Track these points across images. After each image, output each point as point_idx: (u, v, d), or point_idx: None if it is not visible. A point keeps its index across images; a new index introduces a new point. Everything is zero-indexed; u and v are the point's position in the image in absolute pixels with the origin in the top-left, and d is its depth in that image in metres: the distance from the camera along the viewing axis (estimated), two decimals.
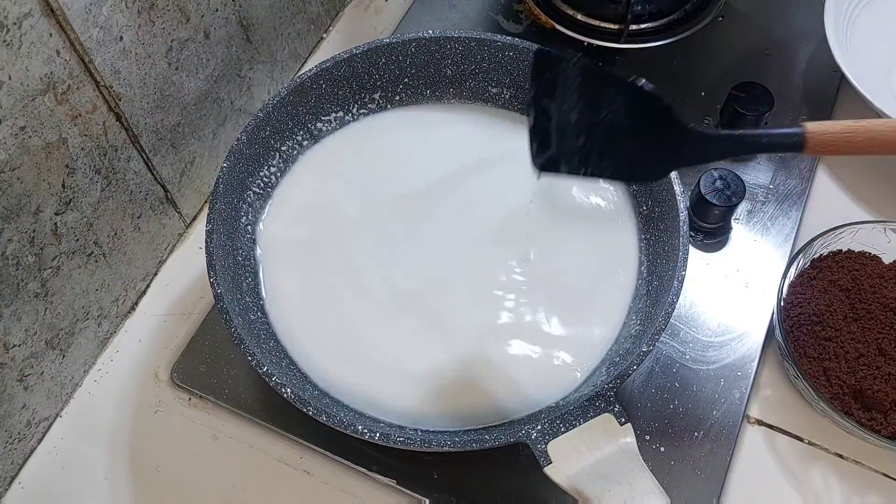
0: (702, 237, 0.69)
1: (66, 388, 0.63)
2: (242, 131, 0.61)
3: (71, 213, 0.56)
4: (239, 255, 0.61)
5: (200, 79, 0.65)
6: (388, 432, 0.50)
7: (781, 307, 0.61)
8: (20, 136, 0.49)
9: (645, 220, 0.63)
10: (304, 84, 0.64)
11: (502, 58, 0.67)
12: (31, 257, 0.54)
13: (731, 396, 0.61)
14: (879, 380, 0.57)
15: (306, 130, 0.67)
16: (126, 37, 0.55)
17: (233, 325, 0.53)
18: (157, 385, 0.65)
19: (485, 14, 0.85)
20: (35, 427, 0.61)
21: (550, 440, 0.49)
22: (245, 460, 0.61)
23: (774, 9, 0.84)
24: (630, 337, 0.58)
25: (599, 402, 0.50)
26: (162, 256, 0.70)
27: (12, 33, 0.46)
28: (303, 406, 0.50)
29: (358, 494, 0.59)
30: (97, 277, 0.62)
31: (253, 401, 0.62)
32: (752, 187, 0.71)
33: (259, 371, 0.51)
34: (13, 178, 0.50)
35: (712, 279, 0.67)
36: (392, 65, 0.67)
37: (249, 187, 0.63)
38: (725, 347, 0.64)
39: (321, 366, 0.58)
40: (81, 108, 0.54)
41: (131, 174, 0.61)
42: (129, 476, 0.61)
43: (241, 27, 0.68)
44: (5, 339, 0.54)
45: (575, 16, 0.79)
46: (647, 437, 0.60)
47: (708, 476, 0.58)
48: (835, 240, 0.63)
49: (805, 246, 0.62)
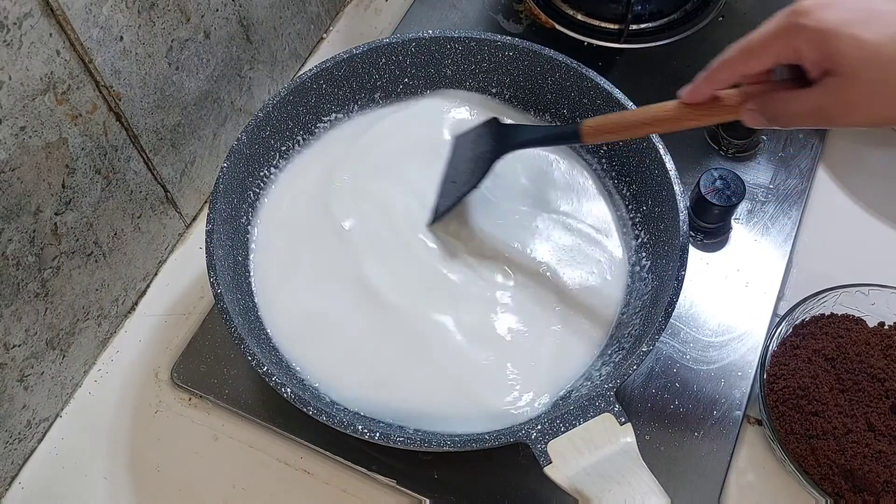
0: (702, 237, 0.69)
1: (67, 388, 0.63)
2: (243, 131, 0.61)
3: (71, 213, 0.56)
4: (239, 255, 0.61)
5: (201, 79, 0.65)
6: (388, 432, 0.50)
7: (764, 380, 0.59)
8: (20, 136, 0.49)
9: (645, 220, 0.63)
10: (305, 84, 0.64)
11: (502, 58, 0.67)
12: (31, 257, 0.54)
13: (732, 396, 0.61)
14: (870, 458, 0.55)
15: (306, 130, 0.67)
16: (126, 37, 0.55)
17: (233, 325, 0.53)
18: (157, 385, 0.65)
19: (485, 14, 0.85)
20: (35, 427, 0.61)
21: (550, 440, 0.49)
22: (245, 460, 0.61)
23: (774, 9, 0.82)
24: (630, 337, 0.58)
25: (599, 402, 0.50)
26: (162, 256, 0.70)
27: (12, 33, 0.46)
28: (303, 406, 0.50)
29: (358, 494, 0.59)
30: (97, 277, 0.62)
31: (253, 401, 0.62)
32: (752, 187, 0.71)
33: (259, 371, 0.51)
34: (13, 178, 0.50)
35: (712, 279, 0.67)
36: (392, 65, 0.67)
37: (250, 187, 0.63)
38: (726, 347, 0.64)
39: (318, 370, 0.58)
40: (81, 108, 0.54)
41: (131, 174, 0.61)
42: (129, 476, 0.61)
43: (241, 27, 0.68)
44: (5, 340, 0.54)
45: (575, 16, 0.79)
46: (647, 437, 0.60)
47: (708, 476, 0.58)
48: (817, 305, 0.61)
49: (787, 313, 0.60)
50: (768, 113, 0.43)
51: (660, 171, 0.60)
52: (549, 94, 0.68)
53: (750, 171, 0.72)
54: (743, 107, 0.44)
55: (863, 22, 0.37)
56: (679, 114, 0.47)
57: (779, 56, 0.41)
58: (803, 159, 0.73)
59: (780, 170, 0.72)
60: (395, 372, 0.58)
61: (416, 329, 0.59)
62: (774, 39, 0.40)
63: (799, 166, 0.72)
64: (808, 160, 0.73)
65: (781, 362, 0.60)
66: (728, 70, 0.44)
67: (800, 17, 0.39)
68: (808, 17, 0.38)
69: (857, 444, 0.56)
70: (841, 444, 0.56)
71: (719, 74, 0.44)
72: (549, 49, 0.65)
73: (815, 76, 0.40)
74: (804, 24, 0.39)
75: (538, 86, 0.68)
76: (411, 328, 0.59)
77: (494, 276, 0.62)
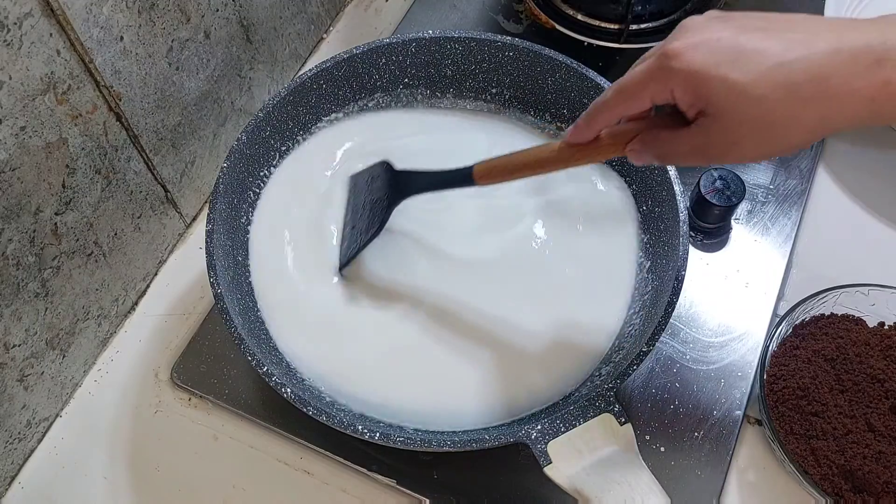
0: (702, 237, 0.69)
1: (67, 388, 0.63)
2: (243, 131, 0.61)
3: (71, 213, 0.56)
4: (239, 255, 0.61)
5: (201, 79, 0.65)
6: (388, 432, 0.50)
7: (764, 380, 0.59)
8: (20, 136, 0.49)
9: (645, 220, 0.64)
10: (305, 84, 0.64)
11: (502, 58, 0.67)
12: (32, 257, 0.54)
13: (732, 396, 0.61)
14: (870, 459, 0.55)
15: (306, 130, 0.67)
16: (126, 37, 0.55)
17: (233, 325, 0.53)
18: (157, 385, 0.65)
19: (485, 14, 0.85)
20: (35, 427, 0.61)
21: (550, 440, 0.49)
22: (245, 460, 0.61)
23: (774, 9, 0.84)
24: (630, 337, 0.58)
25: (599, 402, 0.50)
26: (162, 256, 0.70)
27: (12, 33, 0.46)
28: (303, 406, 0.50)
29: (358, 494, 0.59)
30: (97, 277, 0.62)
31: (253, 401, 0.62)
32: (752, 187, 0.71)
33: (259, 371, 0.51)
34: (13, 178, 0.50)
35: (712, 279, 0.67)
36: (392, 65, 0.67)
37: (250, 187, 0.63)
38: (726, 347, 0.64)
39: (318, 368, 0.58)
40: (82, 108, 0.54)
41: (131, 174, 0.61)
42: (129, 476, 0.61)
43: (241, 27, 0.68)
44: (5, 339, 0.54)
45: (575, 16, 0.79)
46: (647, 437, 0.60)
47: (708, 476, 0.58)
48: (817, 305, 0.61)
49: (787, 313, 0.60)
50: (653, 151, 0.43)
51: (660, 171, 0.60)
52: (550, 95, 0.68)
53: (750, 171, 0.72)
54: (626, 147, 0.45)
55: (730, 62, 0.37)
56: (564, 155, 0.48)
57: (654, 98, 0.41)
58: (803, 160, 0.73)
59: (780, 170, 0.72)
60: (396, 371, 0.58)
61: (419, 326, 0.59)
62: (648, 82, 0.40)
63: (799, 166, 0.72)
64: (808, 160, 0.73)
65: (781, 362, 0.60)
66: (606, 112, 0.44)
67: (670, 60, 0.39)
68: (678, 60, 0.38)
69: (857, 444, 0.56)
70: (841, 445, 0.56)
71: (599, 116, 0.44)
72: (549, 49, 0.65)
73: (691, 116, 0.40)
74: (674, 67, 0.39)
75: (538, 86, 0.68)
76: (413, 326, 0.59)
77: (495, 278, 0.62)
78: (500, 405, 0.56)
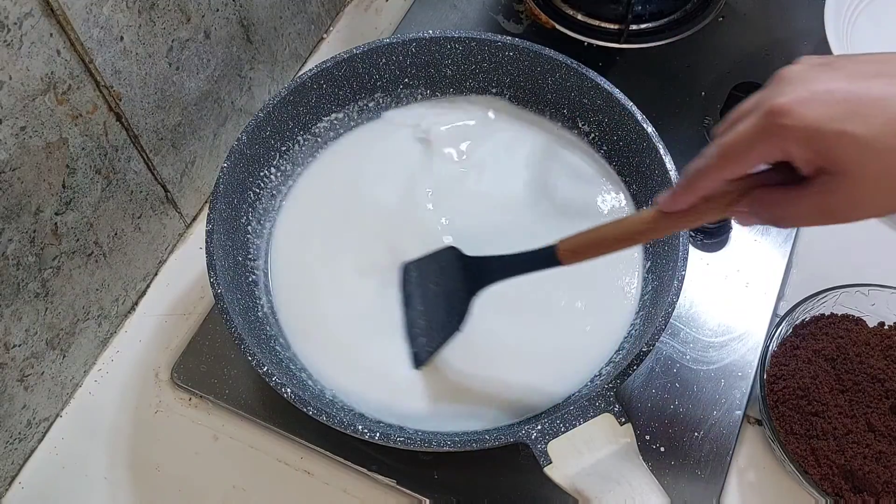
0: (702, 237, 0.69)
1: (67, 388, 0.63)
2: (243, 131, 0.61)
3: (71, 213, 0.56)
4: (239, 255, 0.61)
5: (201, 79, 0.65)
6: (388, 432, 0.50)
7: (764, 380, 0.59)
8: (21, 136, 0.49)
9: None
10: (305, 84, 0.64)
11: (502, 58, 0.67)
12: (32, 257, 0.54)
13: (732, 396, 0.61)
14: (870, 459, 0.55)
15: (307, 131, 0.67)
16: (126, 37, 0.55)
17: (233, 325, 0.53)
18: (157, 385, 0.65)
19: (485, 14, 0.85)
20: (35, 427, 0.61)
21: (550, 440, 0.49)
22: (245, 460, 0.61)
23: (774, 9, 0.84)
24: (630, 337, 0.58)
25: (599, 402, 0.50)
26: (162, 256, 0.70)
27: (13, 33, 0.46)
28: (303, 406, 0.50)
29: (358, 494, 0.59)
30: (97, 277, 0.62)
31: (253, 401, 0.62)
32: None
33: (259, 371, 0.51)
34: (13, 178, 0.50)
35: (712, 279, 0.67)
36: (392, 65, 0.67)
37: (250, 187, 0.63)
38: (726, 347, 0.64)
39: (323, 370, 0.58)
40: (82, 108, 0.54)
41: (132, 174, 0.61)
42: (129, 476, 0.61)
43: (241, 27, 0.68)
44: (6, 339, 0.54)
45: (575, 16, 0.79)
46: (647, 437, 0.60)
47: (708, 476, 0.58)
48: (817, 305, 0.61)
49: (787, 313, 0.60)
50: (765, 215, 0.40)
51: (660, 172, 0.60)
52: (550, 95, 0.68)
53: None
54: (733, 208, 0.41)
55: (849, 116, 0.34)
56: (660, 225, 0.44)
57: (764, 158, 0.38)
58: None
59: None
60: (396, 370, 0.58)
61: None
62: (757, 143, 0.37)
63: None
64: None
65: (781, 362, 0.60)
66: (709, 178, 0.40)
67: (781, 118, 0.35)
68: (790, 117, 0.35)
69: (857, 444, 0.56)
70: (841, 445, 0.56)
71: (700, 182, 0.40)
72: (549, 49, 0.65)
73: (808, 173, 0.37)
74: (787, 125, 0.35)
75: (538, 86, 0.68)
76: None
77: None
78: (500, 406, 0.56)
